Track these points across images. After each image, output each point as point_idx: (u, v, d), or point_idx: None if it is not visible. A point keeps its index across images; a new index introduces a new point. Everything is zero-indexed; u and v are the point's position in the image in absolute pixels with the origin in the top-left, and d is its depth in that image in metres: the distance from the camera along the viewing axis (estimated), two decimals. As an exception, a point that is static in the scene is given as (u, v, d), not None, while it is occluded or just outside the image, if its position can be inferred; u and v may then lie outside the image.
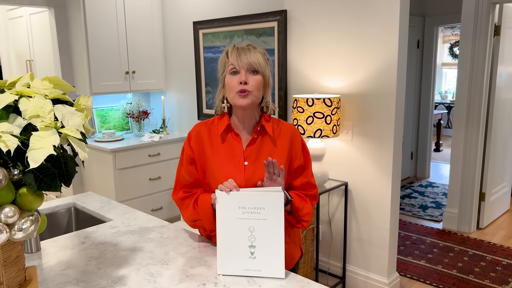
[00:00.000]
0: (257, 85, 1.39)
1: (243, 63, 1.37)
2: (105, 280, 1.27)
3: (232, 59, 1.38)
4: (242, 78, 1.37)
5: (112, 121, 4.09)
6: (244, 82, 1.36)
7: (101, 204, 1.99)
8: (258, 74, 1.39)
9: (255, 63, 1.37)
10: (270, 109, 1.48)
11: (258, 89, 1.39)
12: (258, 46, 1.46)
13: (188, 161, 1.49)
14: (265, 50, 1.48)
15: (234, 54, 1.38)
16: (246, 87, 1.37)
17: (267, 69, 1.42)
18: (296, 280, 1.26)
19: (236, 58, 1.37)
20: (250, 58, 1.37)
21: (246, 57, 1.37)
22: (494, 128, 3.79)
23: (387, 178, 2.56)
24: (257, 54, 1.39)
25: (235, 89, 1.38)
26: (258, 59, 1.38)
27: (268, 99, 1.46)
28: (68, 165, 0.98)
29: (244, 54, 1.38)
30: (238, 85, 1.37)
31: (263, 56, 1.41)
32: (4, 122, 0.93)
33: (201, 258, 1.41)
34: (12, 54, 4.64)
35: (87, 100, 1.09)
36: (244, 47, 1.41)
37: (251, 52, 1.39)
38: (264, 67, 1.40)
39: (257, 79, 1.39)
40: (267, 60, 1.43)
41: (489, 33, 3.52)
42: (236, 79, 1.38)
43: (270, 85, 1.45)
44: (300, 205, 1.42)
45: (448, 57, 9.29)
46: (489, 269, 3.12)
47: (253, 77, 1.38)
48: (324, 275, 2.93)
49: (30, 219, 0.94)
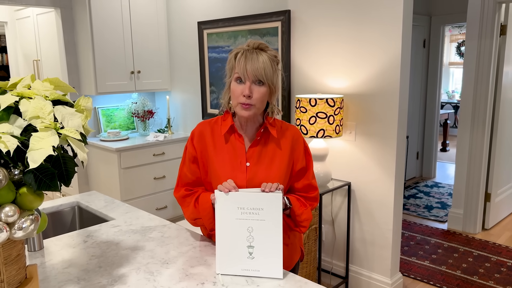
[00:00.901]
0: (261, 97, 1.35)
1: (249, 74, 1.32)
2: (106, 279, 1.28)
3: (239, 67, 1.34)
4: (245, 91, 1.33)
5: (117, 121, 4.12)
6: (247, 96, 1.34)
7: (105, 203, 2.01)
8: (264, 85, 1.35)
9: (261, 75, 1.32)
10: (275, 113, 1.46)
11: (262, 101, 1.36)
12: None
13: (190, 160, 1.50)
14: (276, 51, 1.42)
15: (242, 62, 1.33)
16: (249, 101, 1.34)
17: (274, 77, 1.36)
18: (295, 280, 1.26)
19: (243, 67, 1.32)
20: (256, 68, 1.31)
21: (253, 66, 1.31)
22: (500, 128, 3.76)
23: (390, 178, 2.56)
24: (265, 60, 1.33)
25: (238, 99, 1.35)
26: (265, 67, 1.32)
27: (274, 104, 1.43)
28: (68, 165, 0.99)
29: (251, 63, 1.32)
30: (241, 96, 1.34)
31: (272, 62, 1.35)
32: (4, 123, 0.95)
33: (201, 257, 1.42)
34: (19, 54, 4.69)
35: (87, 101, 1.10)
36: (253, 51, 1.34)
37: (259, 58, 1.32)
38: (270, 77, 1.35)
39: (261, 91, 1.35)
40: (276, 65, 1.38)
41: (495, 33, 3.50)
42: (240, 89, 1.35)
43: (277, 91, 1.41)
44: (299, 210, 1.42)
45: (456, 57, 9.23)
46: (493, 270, 3.10)
47: (258, 88, 1.34)
48: (327, 275, 2.93)
49: (30, 218, 0.95)
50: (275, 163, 1.44)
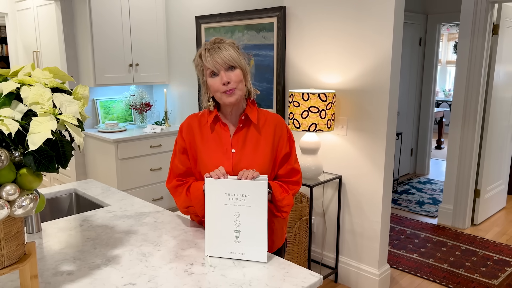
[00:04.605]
0: (238, 79, 1.45)
1: (219, 63, 1.42)
2: (100, 259, 1.35)
3: (207, 62, 1.44)
4: (223, 79, 1.43)
5: (115, 112, 4.19)
6: (227, 83, 1.43)
7: (101, 190, 2.08)
8: (236, 68, 1.45)
9: (229, 60, 1.43)
10: (253, 93, 1.55)
11: (240, 82, 1.46)
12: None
13: (180, 151, 1.58)
14: (234, 40, 1.54)
15: (208, 56, 1.43)
16: (230, 86, 1.44)
17: (241, 59, 1.47)
18: (279, 263, 1.34)
19: (211, 60, 1.42)
20: (224, 56, 1.42)
21: (220, 56, 1.42)
22: (491, 126, 3.84)
23: (380, 173, 2.63)
24: (228, 48, 1.44)
25: (220, 90, 1.45)
26: (231, 54, 1.43)
27: (249, 86, 1.53)
28: (65, 149, 1.06)
29: (217, 54, 1.42)
30: (222, 86, 1.44)
31: (234, 48, 1.46)
32: (6, 108, 1.01)
33: (191, 241, 1.49)
34: (19, 45, 4.74)
35: (84, 89, 1.17)
36: (214, 46, 1.45)
37: (222, 49, 1.43)
38: (238, 60, 1.45)
39: (236, 74, 1.45)
40: (238, 49, 1.48)
41: (487, 32, 3.56)
42: (218, 81, 1.45)
43: (248, 72, 1.51)
44: (281, 196, 1.49)
45: (453, 55, 9.29)
46: (480, 264, 3.19)
47: (232, 73, 1.44)
48: (317, 266, 3.01)
49: (30, 197, 1.02)
50: (260, 149, 1.51)
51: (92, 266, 1.30)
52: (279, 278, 1.24)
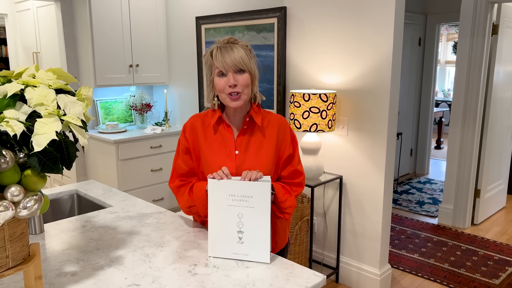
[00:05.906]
0: (246, 83, 1.43)
1: (229, 65, 1.40)
2: (103, 260, 1.36)
3: (217, 61, 1.41)
4: (230, 81, 1.41)
5: (115, 113, 4.18)
6: (233, 85, 1.41)
7: (103, 191, 2.08)
8: (245, 72, 1.43)
9: (240, 63, 1.41)
10: (258, 98, 1.54)
11: (247, 87, 1.45)
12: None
13: (183, 151, 1.58)
14: (246, 42, 1.52)
15: (219, 56, 1.41)
16: (236, 89, 1.42)
17: (252, 63, 1.45)
18: (282, 263, 1.34)
19: (221, 60, 1.40)
20: (235, 58, 1.40)
21: (231, 57, 1.40)
22: (491, 126, 3.85)
23: (381, 173, 2.63)
24: (240, 51, 1.42)
25: (225, 91, 1.43)
26: (242, 56, 1.41)
27: (256, 91, 1.52)
28: (70, 150, 1.06)
29: (228, 55, 1.40)
30: (228, 87, 1.42)
31: (246, 51, 1.44)
32: (11, 109, 1.01)
33: (194, 241, 1.50)
34: (19, 46, 4.74)
35: (87, 91, 1.17)
36: (226, 46, 1.43)
37: (234, 50, 1.41)
38: (249, 64, 1.43)
39: (245, 78, 1.43)
40: (250, 53, 1.46)
41: (487, 32, 3.57)
42: (224, 81, 1.43)
43: (257, 77, 1.49)
44: (284, 197, 1.49)
45: (452, 55, 9.30)
46: (480, 264, 3.19)
47: (241, 76, 1.43)
48: (318, 266, 3.01)
49: (34, 198, 1.02)
50: (263, 150, 1.51)
51: (95, 267, 1.31)
52: (282, 278, 1.24)
